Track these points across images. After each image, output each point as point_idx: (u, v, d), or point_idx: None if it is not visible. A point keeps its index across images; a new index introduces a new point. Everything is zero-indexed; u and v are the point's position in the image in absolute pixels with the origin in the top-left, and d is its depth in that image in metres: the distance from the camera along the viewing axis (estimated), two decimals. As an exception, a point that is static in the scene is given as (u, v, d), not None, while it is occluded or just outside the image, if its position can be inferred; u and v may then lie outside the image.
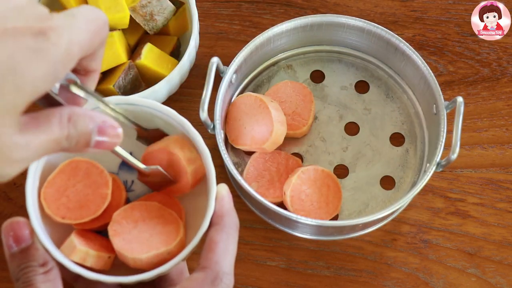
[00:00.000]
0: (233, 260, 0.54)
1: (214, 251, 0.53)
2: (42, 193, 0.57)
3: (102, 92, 0.76)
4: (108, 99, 0.60)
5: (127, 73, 0.75)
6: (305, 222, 0.69)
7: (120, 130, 0.48)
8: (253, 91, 0.80)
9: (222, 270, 0.53)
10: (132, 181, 0.62)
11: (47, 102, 0.47)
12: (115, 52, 0.74)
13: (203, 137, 0.78)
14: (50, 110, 0.45)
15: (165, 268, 0.55)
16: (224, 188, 0.57)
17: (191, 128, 0.59)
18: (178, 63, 0.76)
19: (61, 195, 0.58)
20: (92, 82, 0.50)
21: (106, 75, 0.77)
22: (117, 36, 0.74)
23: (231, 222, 0.55)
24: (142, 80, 0.76)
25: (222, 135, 0.74)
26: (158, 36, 0.79)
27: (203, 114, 0.71)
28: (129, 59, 0.76)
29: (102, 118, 0.47)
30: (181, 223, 0.58)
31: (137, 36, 0.79)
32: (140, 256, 0.56)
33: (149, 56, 0.75)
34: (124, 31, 0.76)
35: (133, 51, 0.79)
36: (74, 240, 0.56)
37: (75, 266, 0.55)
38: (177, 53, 0.80)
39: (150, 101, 0.59)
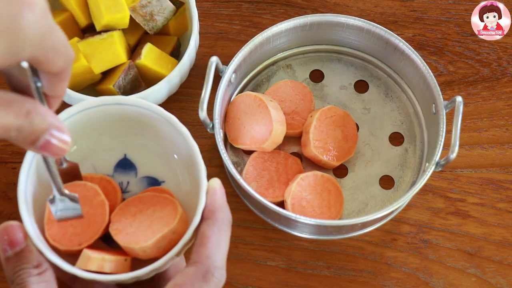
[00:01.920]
0: (225, 254, 0.54)
1: (206, 245, 0.53)
2: (48, 236, 0.57)
3: (102, 92, 0.76)
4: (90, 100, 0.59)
5: (127, 73, 0.75)
6: (304, 221, 0.69)
7: (68, 140, 0.47)
8: (253, 91, 0.80)
9: (214, 265, 0.52)
10: (128, 182, 0.62)
11: (15, 84, 0.46)
12: (115, 52, 0.74)
13: (203, 137, 0.78)
14: (14, 95, 0.45)
15: (159, 264, 0.55)
16: (216, 182, 0.57)
17: (178, 123, 0.59)
18: (178, 63, 0.76)
19: (66, 228, 0.58)
20: (53, 107, 0.49)
21: (106, 75, 0.77)
22: (117, 36, 0.74)
23: (223, 216, 0.55)
24: (142, 80, 0.77)
25: (222, 134, 0.74)
26: (158, 36, 0.79)
27: (202, 113, 0.71)
28: (129, 59, 0.76)
29: (59, 124, 0.47)
30: (177, 202, 0.58)
31: (137, 36, 0.79)
32: (147, 243, 0.56)
33: (149, 56, 0.75)
34: (124, 31, 0.76)
35: (133, 51, 0.79)
36: (87, 252, 0.56)
37: (69, 266, 0.54)
38: (177, 53, 0.80)
39: (135, 99, 0.59)
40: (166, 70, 0.76)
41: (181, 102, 0.81)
